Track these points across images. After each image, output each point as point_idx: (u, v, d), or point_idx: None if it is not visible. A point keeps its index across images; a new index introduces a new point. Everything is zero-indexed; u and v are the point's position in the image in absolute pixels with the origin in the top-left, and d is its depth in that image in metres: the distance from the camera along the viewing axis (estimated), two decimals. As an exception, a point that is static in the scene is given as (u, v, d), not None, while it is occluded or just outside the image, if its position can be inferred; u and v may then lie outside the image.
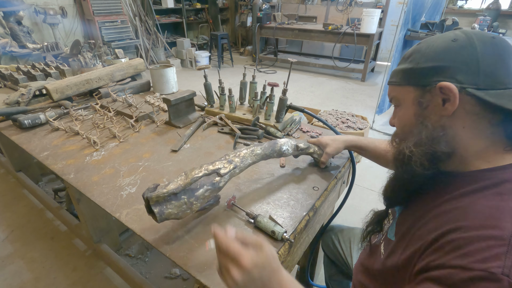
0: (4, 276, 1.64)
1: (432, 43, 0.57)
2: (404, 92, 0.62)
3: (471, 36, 0.54)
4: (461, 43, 0.54)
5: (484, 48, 0.52)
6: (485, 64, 0.52)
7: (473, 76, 0.52)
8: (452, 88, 0.52)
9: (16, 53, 3.58)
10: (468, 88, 0.52)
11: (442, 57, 0.55)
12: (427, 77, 0.56)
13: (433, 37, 0.59)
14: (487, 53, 0.52)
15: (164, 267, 1.70)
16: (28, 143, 1.34)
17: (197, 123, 1.48)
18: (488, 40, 0.53)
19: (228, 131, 1.41)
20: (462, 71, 0.53)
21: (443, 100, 0.55)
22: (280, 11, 6.61)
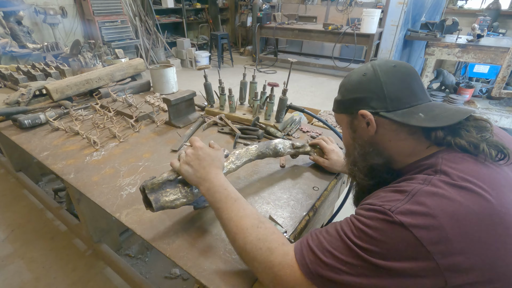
0: (4, 276, 1.64)
1: (351, 78, 0.71)
2: (341, 118, 0.76)
3: (376, 69, 0.67)
4: (368, 76, 0.67)
5: (387, 77, 0.65)
6: (389, 91, 0.64)
7: (381, 101, 0.65)
8: (367, 114, 0.66)
9: (16, 53, 3.58)
10: (380, 112, 0.65)
11: (357, 89, 0.69)
12: (351, 106, 0.70)
13: (353, 72, 0.73)
14: (389, 81, 0.65)
15: (164, 267, 1.70)
16: (28, 143, 1.34)
17: (197, 123, 1.48)
18: (390, 69, 0.66)
19: (228, 131, 1.41)
20: (373, 99, 0.66)
21: (367, 123, 0.67)
22: (280, 11, 6.61)
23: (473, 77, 4.37)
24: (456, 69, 4.60)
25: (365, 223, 0.54)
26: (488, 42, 3.47)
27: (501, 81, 3.28)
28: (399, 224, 0.50)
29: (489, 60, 3.39)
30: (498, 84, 3.30)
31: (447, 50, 3.48)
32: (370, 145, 0.69)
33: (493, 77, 4.05)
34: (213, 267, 0.72)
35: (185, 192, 0.77)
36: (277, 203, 0.94)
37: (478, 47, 3.38)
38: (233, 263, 0.73)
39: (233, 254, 0.76)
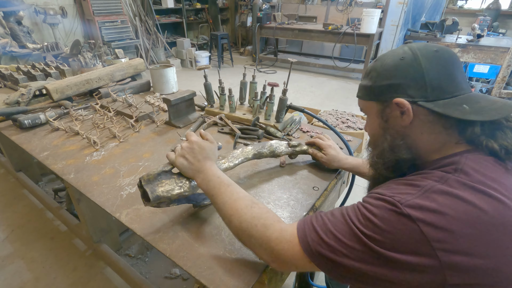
0: (4, 276, 1.64)
1: (385, 61, 0.64)
2: (368, 106, 0.70)
3: (416, 53, 0.61)
4: (407, 61, 0.61)
5: (428, 63, 0.59)
6: (430, 78, 0.59)
7: (421, 90, 0.59)
8: (405, 103, 0.60)
9: (16, 53, 3.58)
10: (418, 101, 0.60)
11: (393, 75, 0.62)
12: (384, 94, 0.64)
13: (386, 55, 0.66)
14: (431, 67, 0.59)
15: (164, 267, 1.70)
16: (28, 143, 1.34)
17: (197, 123, 1.48)
18: (431, 55, 0.60)
19: (228, 131, 1.41)
20: (412, 87, 0.60)
21: (401, 113, 0.62)
22: (280, 11, 6.61)
23: (473, 77, 4.37)
24: (456, 69, 4.59)
25: (373, 211, 0.53)
26: (488, 42, 3.47)
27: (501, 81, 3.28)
28: (407, 217, 0.49)
29: (489, 60, 3.39)
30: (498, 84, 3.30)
31: (447, 50, 3.47)
32: (401, 137, 0.64)
33: (493, 77, 4.05)
34: (213, 267, 0.72)
35: (180, 182, 0.78)
36: (277, 203, 0.94)
37: (478, 47, 3.38)
38: (233, 263, 0.73)
39: (233, 254, 0.76)
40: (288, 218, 0.88)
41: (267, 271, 0.72)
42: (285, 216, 0.88)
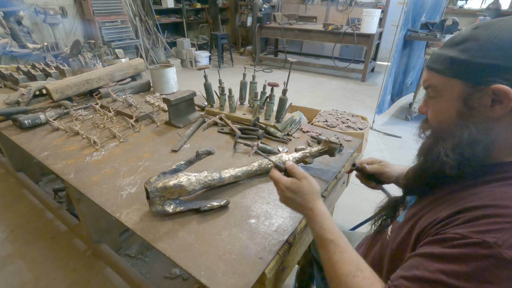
0: (4, 276, 1.64)
1: (496, 33, 0.49)
2: (448, 85, 0.54)
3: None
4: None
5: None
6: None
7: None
8: (509, 93, 0.47)
9: (16, 53, 3.58)
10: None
11: (504, 54, 0.47)
12: (482, 75, 0.50)
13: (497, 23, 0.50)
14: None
15: (164, 267, 1.70)
16: (28, 143, 1.34)
17: (197, 123, 1.48)
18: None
19: (228, 131, 1.41)
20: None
21: (493, 101, 0.50)
22: (280, 11, 6.61)
23: (473, 77, 4.37)
24: (456, 69, 4.59)
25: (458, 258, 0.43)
26: (488, 42, 3.46)
27: (501, 81, 3.27)
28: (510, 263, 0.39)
29: (489, 60, 3.38)
30: (498, 84, 3.30)
31: (447, 50, 3.47)
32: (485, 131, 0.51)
33: (493, 77, 4.05)
34: (213, 267, 0.72)
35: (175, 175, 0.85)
36: (277, 203, 0.94)
37: (478, 47, 3.37)
38: (233, 263, 0.73)
39: (233, 254, 0.76)
40: (288, 218, 0.88)
41: (267, 271, 0.72)
42: (285, 216, 0.88)
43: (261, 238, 0.80)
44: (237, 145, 1.27)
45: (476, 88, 0.51)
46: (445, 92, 0.55)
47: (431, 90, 0.58)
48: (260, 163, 1.04)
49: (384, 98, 3.39)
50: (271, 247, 0.78)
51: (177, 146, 1.27)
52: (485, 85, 0.49)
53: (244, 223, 0.86)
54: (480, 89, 0.50)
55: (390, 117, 3.87)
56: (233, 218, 0.88)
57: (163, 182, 0.81)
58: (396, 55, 3.28)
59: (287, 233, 0.82)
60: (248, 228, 0.84)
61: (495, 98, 0.49)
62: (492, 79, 0.48)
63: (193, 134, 1.40)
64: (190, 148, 1.29)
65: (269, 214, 0.89)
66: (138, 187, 1.02)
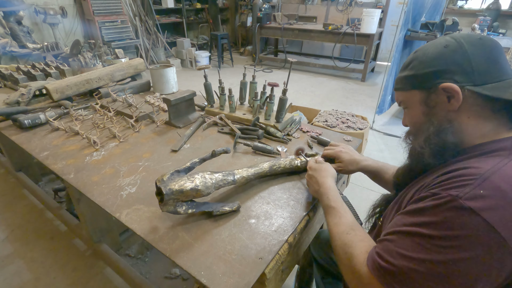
0: (4, 276, 1.64)
1: (427, 51, 0.65)
2: (410, 96, 0.69)
3: (460, 40, 0.61)
4: (452, 48, 0.61)
5: (474, 49, 0.59)
6: (477, 64, 0.59)
7: (468, 75, 0.59)
8: (454, 87, 0.59)
9: (16, 53, 3.58)
10: (466, 86, 0.59)
11: (437, 62, 0.62)
12: (429, 80, 0.64)
13: (427, 45, 0.67)
14: (476, 53, 0.59)
15: (164, 267, 1.70)
16: (28, 143, 1.34)
17: (197, 123, 1.48)
18: (476, 41, 0.60)
19: (228, 131, 1.41)
20: (458, 72, 0.60)
21: (448, 97, 0.61)
22: (280, 11, 6.61)
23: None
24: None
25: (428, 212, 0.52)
26: (488, 42, 3.46)
27: (501, 81, 3.28)
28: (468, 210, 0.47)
29: (489, 60, 3.38)
30: (498, 84, 3.30)
31: (447, 50, 3.48)
32: (448, 121, 0.63)
33: (493, 77, 4.05)
34: (213, 267, 0.72)
35: (192, 177, 0.82)
36: (277, 203, 0.94)
37: (478, 47, 3.38)
38: (233, 263, 0.73)
39: (233, 254, 0.76)
40: (288, 218, 0.88)
41: (267, 271, 0.72)
42: (285, 216, 0.89)
43: (261, 238, 0.80)
44: (237, 145, 1.27)
45: (430, 91, 0.64)
46: (410, 102, 0.70)
47: (403, 104, 0.73)
48: (271, 164, 1.03)
49: (384, 98, 3.40)
50: (271, 247, 0.78)
51: (177, 146, 1.27)
52: (434, 87, 0.63)
53: (244, 223, 0.86)
54: (433, 91, 0.64)
55: (390, 117, 3.87)
56: (233, 218, 0.88)
57: (179, 184, 0.79)
58: (397, 55, 3.28)
59: (287, 233, 0.82)
60: (248, 228, 0.84)
61: (448, 95, 0.61)
62: (438, 81, 0.62)
63: (193, 134, 1.40)
64: (190, 148, 1.29)
65: (269, 214, 0.89)
66: (138, 187, 1.02)
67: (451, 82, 0.60)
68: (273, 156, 1.21)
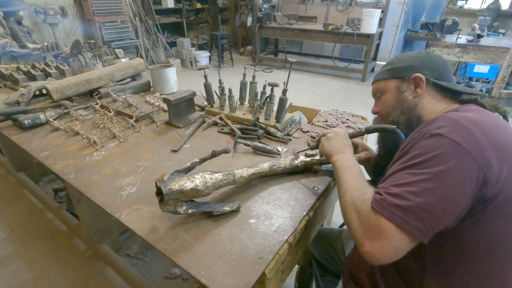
0: (4, 276, 1.64)
1: (405, 54, 0.90)
2: (388, 84, 0.90)
3: (428, 52, 0.89)
4: (423, 54, 0.88)
5: (437, 58, 0.86)
6: (438, 67, 0.85)
7: (433, 72, 0.84)
8: (422, 77, 0.82)
9: (16, 53, 3.58)
10: (430, 78, 0.83)
11: (413, 60, 0.87)
12: (405, 71, 0.86)
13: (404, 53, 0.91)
14: (439, 61, 0.86)
15: (164, 267, 1.70)
16: (28, 143, 1.34)
17: (197, 123, 1.48)
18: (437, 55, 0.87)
19: (228, 131, 1.41)
20: (426, 69, 0.84)
21: (415, 86, 0.84)
22: (280, 11, 6.61)
23: (473, 77, 4.37)
24: (456, 69, 4.60)
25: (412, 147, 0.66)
26: (488, 42, 3.47)
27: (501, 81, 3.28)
28: (437, 135, 0.62)
29: (489, 60, 3.39)
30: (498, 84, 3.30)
31: (447, 50, 3.48)
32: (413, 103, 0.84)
33: (493, 77, 4.05)
34: (213, 267, 0.72)
35: (192, 177, 0.82)
36: (277, 203, 0.94)
37: (478, 47, 3.38)
38: (233, 263, 0.73)
39: (233, 254, 0.76)
40: (288, 218, 0.88)
41: (267, 271, 0.72)
42: (285, 216, 0.89)
43: (261, 238, 0.80)
44: (237, 145, 1.27)
45: (404, 80, 0.86)
46: (387, 88, 0.90)
47: (379, 92, 0.94)
48: (271, 164, 1.03)
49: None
50: (271, 247, 0.78)
51: (177, 146, 1.27)
52: (408, 77, 0.85)
53: (244, 223, 0.86)
54: (406, 80, 0.86)
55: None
56: (233, 218, 0.88)
57: (179, 184, 0.79)
58: (396, 55, 3.28)
59: (287, 233, 0.82)
60: (248, 228, 0.84)
61: (416, 83, 0.84)
62: (411, 73, 0.85)
63: (193, 134, 1.40)
64: (190, 148, 1.29)
65: (269, 214, 0.89)
66: (138, 187, 1.02)
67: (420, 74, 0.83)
68: (273, 156, 1.21)
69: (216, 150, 0.90)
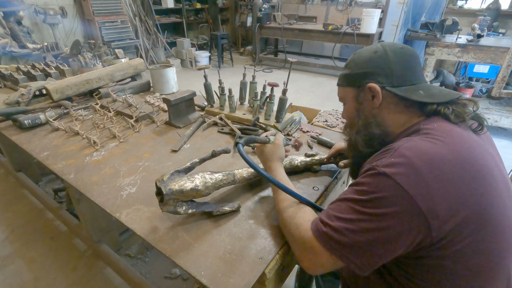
0: (4, 276, 1.64)
1: (361, 54, 0.78)
2: (346, 92, 0.82)
3: (386, 48, 0.74)
4: (379, 54, 0.74)
5: (395, 57, 0.73)
6: (396, 69, 0.72)
7: (388, 77, 0.73)
8: (376, 87, 0.73)
9: (16, 53, 3.58)
10: (386, 86, 0.73)
11: (367, 65, 0.75)
12: (360, 80, 0.76)
13: (362, 50, 0.79)
14: (397, 60, 0.73)
15: (164, 267, 1.70)
16: (28, 143, 1.34)
17: (197, 123, 1.48)
18: (398, 50, 0.74)
19: (228, 131, 1.41)
20: (381, 75, 0.73)
21: (372, 96, 0.74)
22: (280, 11, 6.60)
23: (473, 77, 4.37)
24: (456, 69, 4.60)
25: (360, 182, 0.63)
26: (488, 42, 3.47)
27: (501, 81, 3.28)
28: (383, 174, 0.58)
29: (489, 60, 3.38)
30: (498, 84, 3.30)
31: (447, 50, 3.48)
32: (372, 116, 0.76)
33: (493, 77, 4.05)
34: (213, 267, 0.72)
35: (192, 178, 0.82)
36: (277, 203, 0.94)
37: (478, 47, 3.38)
38: (233, 263, 0.73)
39: (233, 254, 0.76)
40: (288, 218, 0.88)
41: (267, 271, 0.72)
42: (285, 216, 0.88)
43: (261, 238, 0.80)
44: (237, 145, 1.27)
45: (360, 89, 0.77)
46: (347, 98, 0.82)
47: (341, 100, 0.85)
48: None
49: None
50: (271, 247, 0.78)
51: (177, 146, 1.27)
52: (363, 86, 0.76)
53: (244, 223, 0.86)
54: (362, 89, 0.76)
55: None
56: (233, 218, 0.88)
57: (179, 184, 0.79)
58: (396, 55, 3.28)
59: (287, 233, 0.82)
60: (248, 228, 0.84)
61: (372, 94, 0.74)
62: (366, 81, 0.75)
63: (193, 134, 1.40)
64: (190, 148, 1.29)
65: (269, 214, 0.89)
66: (138, 187, 1.02)
67: (375, 82, 0.73)
68: None
69: (216, 150, 0.90)
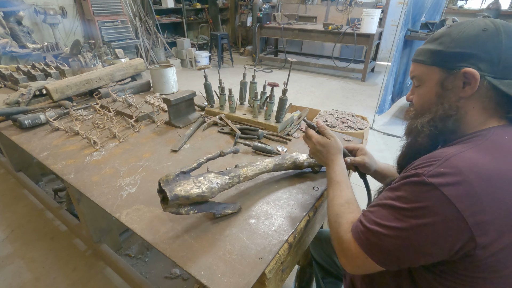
0: (4, 276, 1.64)
1: (464, 29, 0.62)
2: (429, 72, 0.67)
3: (499, 28, 0.59)
4: (489, 33, 0.59)
5: (509, 41, 0.58)
6: (505, 56, 0.58)
7: (493, 66, 0.59)
8: (475, 75, 0.59)
9: (16, 53, 3.58)
10: (487, 76, 0.59)
11: (470, 45, 0.60)
12: (454, 61, 0.62)
13: (465, 23, 0.63)
14: (509, 46, 0.58)
15: (164, 267, 1.70)
16: (28, 143, 1.34)
17: (197, 123, 1.48)
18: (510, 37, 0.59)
19: (228, 131, 1.41)
20: (485, 60, 0.59)
21: (464, 83, 0.61)
22: (280, 11, 6.61)
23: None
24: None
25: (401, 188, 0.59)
26: (488, 42, 3.46)
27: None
28: (429, 185, 0.53)
29: (489, 60, 3.38)
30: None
31: (447, 50, 3.47)
32: (456, 109, 0.63)
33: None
34: (213, 267, 0.72)
35: (198, 182, 0.79)
36: (277, 203, 0.94)
37: (478, 47, 3.37)
38: (233, 263, 0.73)
39: (233, 254, 0.76)
40: (288, 218, 0.88)
41: (267, 271, 0.72)
42: (285, 216, 0.89)
43: (261, 238, 0.80)
44: (237, 145, 1.27)
45: (450, 73, 0.63)
46: (426, 79, 0.68)
47: (416, 80, 0.71)
48: (275, 163, 1.02)
49: (385, 98, 3.39)
50: (271, 247, 0.78)
51: (177, 146, 1.27)
52: (457, 70, 0.61)
53: (244, 223, 0.86)
54: (453, 73, 0.62)
55: (391, 117, 3.87)
56: (233, 218, 0.88)
57: (185, 190, 0.76)
58: (397, 55, 3.28)
59: (287, 233, 0.82)
60: (248, 228, 0.84)
61: (465, 81, 0.61)
62: (462, 65, 0.61)
63: (193, 134, 1.40)
64: (190, 148, 1.29)
65: (269, 214, 0.89)
66: (138, 187, 1.02)
67: (475, 68, 0.59)
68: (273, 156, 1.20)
69: (225, 150, 0.89)
